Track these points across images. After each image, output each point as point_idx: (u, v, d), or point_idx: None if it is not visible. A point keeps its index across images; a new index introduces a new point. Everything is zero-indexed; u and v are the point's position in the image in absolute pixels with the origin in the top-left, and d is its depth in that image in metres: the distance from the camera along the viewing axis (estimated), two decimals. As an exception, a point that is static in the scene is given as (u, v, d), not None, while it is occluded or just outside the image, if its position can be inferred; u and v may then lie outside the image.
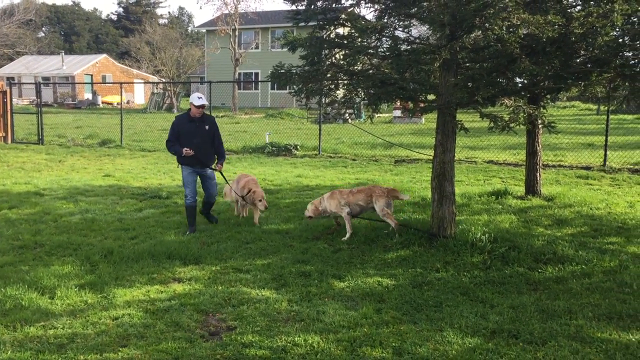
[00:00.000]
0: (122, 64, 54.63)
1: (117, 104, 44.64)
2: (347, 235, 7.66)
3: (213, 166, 8.36)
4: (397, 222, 7.66)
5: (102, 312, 5.20)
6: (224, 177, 8.71)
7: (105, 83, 44.82)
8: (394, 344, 4.55)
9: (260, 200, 8.35)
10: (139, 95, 52.97)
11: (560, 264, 6.46)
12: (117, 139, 20.23)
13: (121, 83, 21.63)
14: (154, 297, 5.58)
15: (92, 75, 51.30)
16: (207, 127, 8.18)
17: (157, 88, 43.35)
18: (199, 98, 8.02)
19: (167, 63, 43.36)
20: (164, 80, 42.49)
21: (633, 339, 4.61)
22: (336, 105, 8.92)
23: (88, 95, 49.21)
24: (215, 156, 8.41)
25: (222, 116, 32.56)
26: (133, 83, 34.65)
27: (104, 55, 56.13)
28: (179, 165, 8.26)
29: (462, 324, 4.93)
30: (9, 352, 4.39)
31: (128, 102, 48.09)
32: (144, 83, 45.44)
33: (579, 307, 5.26)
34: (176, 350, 4.41)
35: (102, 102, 47.50)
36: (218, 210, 9.50)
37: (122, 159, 16.43)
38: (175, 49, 44.60)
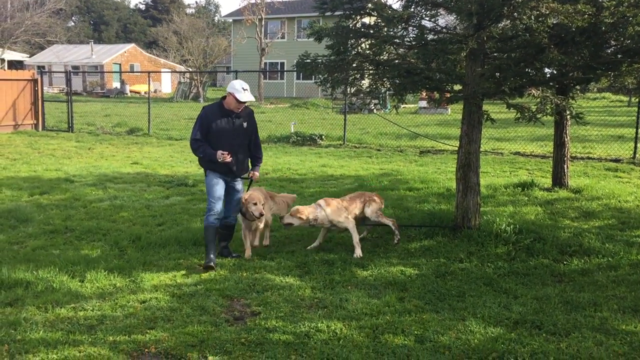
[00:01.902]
0: (150, 53, 55.22)
1: (145, 92, 45.12)
2: (358, 250, 6.56)
3: (246, 174, 6.57)
4: (393, 220, 7.22)
5: (130, 295, 5.33)
6: (249, 185, 6.75)
7: (133, 72, 45.28)
8: (416, 332, 4.58)
9: (255, 204, 6.37)
10: (166, 85, 53.47)
11: (586, 256, 6.40)
12: (144, 128, 20.50)
13: (149, 72, 21.86)
14: (180, 282, 5.69)
15: (120, 64, 51.91)
16: (245, 124, 6.35)
17: (184, 77, 43.72)
18: (244, 90, 6.14)
19: (194, 52, 43.67)
20: (190, 69, 42.81)
21: (659, 332, 4.57)
22: (361, 95, 8.91)
23: (116, 84, 49.85)
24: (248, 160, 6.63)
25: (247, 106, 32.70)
26: (160, 72, 35.05)
27: (132, 45, 56.72)
28: (205, 172, 6.45)
29: (484, 313, 4.93)
30: (41, 332, 4.53)
31: (155, 92, 48.57)
32: (171, 72, 45.85)
33: (604, 300, 5.22)
34: (202, 334, 4.50)
35: (130, 91, 48.06)
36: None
37: (149, 147, 16.66)
38: (202, 39, 44.90)
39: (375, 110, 26.65)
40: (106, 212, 8.51)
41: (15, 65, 47.46)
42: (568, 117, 9.22)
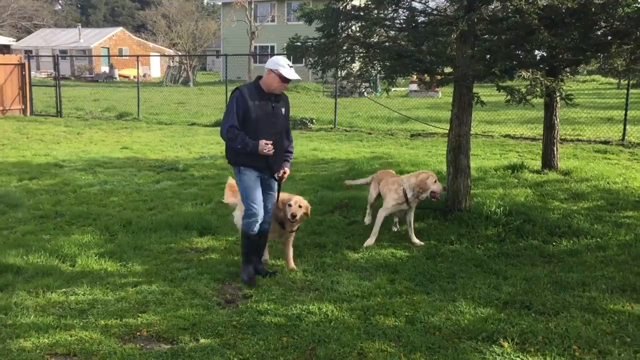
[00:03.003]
0: (139, 37, 54.66)
1: (134, 77, 44.75)
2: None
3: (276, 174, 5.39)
4: None
5: (121, 279, 5.33)
6: (278, 190, 5.55)
7: (122, 56, 44.91)
8: (406, 313, 4.61)
9: (290, 205, 5.47)
10: (155, 69, 53.03)
11: (575, 237, 6.46)
12: (134, 112, 20.36)
13: (137, 56, 21.69)
14: (171, 266, 5.69)
15: (108, 48, 51.38)
16: (283, 110, 5.31)
17: (173, 61, 43.35)
18: (290, 67, 5.13)
19: (183, 36, 43.28)
20: (180, 53, 42.45)
21: (646, 311, 4.63)
22: (352, 78, 8.89)
23: (105, 69, 49.36)
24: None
25: (238, 90, 32.50)
26: (149, 56, 34.75)
27: (120, 29, 56.12)
28: (238, 169, 5.26)
29: (474, 294, 4.98)
30: (32, 316, 4.53)
31: (144, 76, 48.17)
32: (160, 56, 45.44)
33: (592, 280, 5.28)
34: (193, 317, 4.52)
35: (119, 76, 47.63)
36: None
37: (139, 132, 16.56)
38: (191, 22, 44.47)
39: (366, 94, 26.60)
40: (96, 197, 8.47)
41: (1, 49, 46.83)
42: (558, 99, 9.24)
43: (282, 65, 5.08)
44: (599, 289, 5.09)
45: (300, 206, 5.47)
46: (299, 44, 7.94)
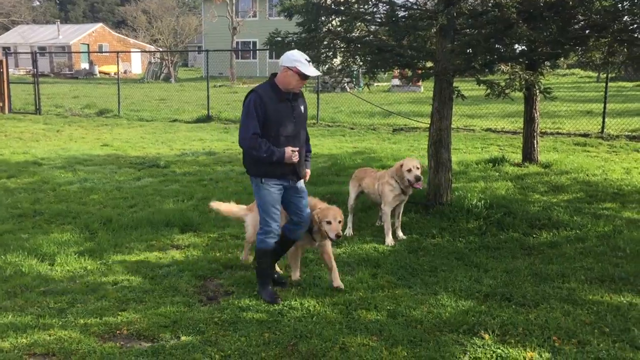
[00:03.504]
0: (119, 33, 54.11)
1: (114, 73, 44.33)
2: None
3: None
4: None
5: (101, 278, 5.27)
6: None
7: (102, 52, 44.41)
8: (388, 307, 4.62)
9: (329, 223, 4.82)
10: (136, 65, 52.54)
11: (555, 229, 6.52)
12: (114, 109, 20.16)
13: (117, 52, 21.45)
14: (152, 264, 5.64)
15: (88, 44, 50.82)
16: (302, 108, 4.86)
17: (154, 57, 42.99)
18: (309, 62, 4.62)
19: (164, 32, 42.95)
20: (161, 49, 42.10)
21: (624, 301, 4.69)
22: (335, 73, 8.88)
23: (85, 65, 48.81)
24: None
25: (220, 85, 32.38)
26: (130, 52, 34.37)
27: (100, 25, 55.51)
28: (259, 181, 4.74)
29: (456, 287, 5.00)
30: (10, 317, 4.46)
31: (125, 72, 47.73)
32: (141, 52, 45.03)
33: (572, 271, 5.33)
34: (174, 314, 4.48)
35: (99, 72, 47.13)
36: (216, 178, 9.53)
37: (120, 129, 16.40)
38: (171, 18, 44.14)
39: (348, 89, 26.60)
40: (76, 195, 8.38)
41: (-22, 46, 46.08)
42: (537, 93, 9.31)
43: (300, 60, 4.55)
44: (578, 280, 5.14)
45: (340, 221, 4.84)
46: (279, 39, 7.92)
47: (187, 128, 16.70)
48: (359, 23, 7.80)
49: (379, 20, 7.78)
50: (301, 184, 4.92)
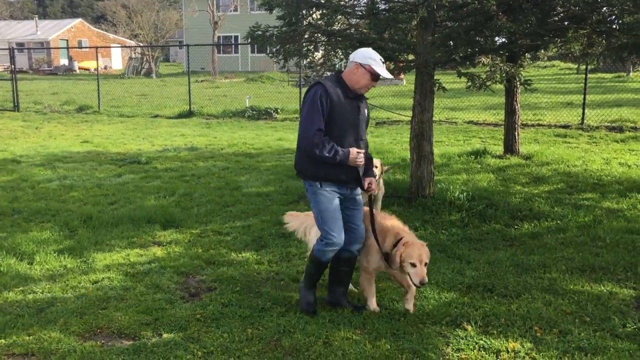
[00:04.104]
0: (99, 28, 53.48)
1: (94, 69, 43.80)
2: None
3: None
4: None
5: (81, 276, 5.20)
6: (371, 207, 4.49)
7: (81, 48, 43.85)
8: (372, 301, 4.62)
9: (413, 265, 4.15)
10: (117, 61, 51.96)
11: (536, 220, 6.57)
12: (94, 105, 19.92)
13: (97, 47, 21.20)
14: (133, 261, 5.59)
15: (67, 40, 50.09)
16: (365, 110, 4.40)
17: (134, 53, 42.54)
18: (384, 63, 4.25)
19: (144, 27, 42.52)
20: (141, 44, 41.68)
21: (604, 290, 4.74)
22: (317, 67, 8.85)
23: (64, 61, 48.13)
24: None
25: (201, 80, 32.15)
26: (110, 47, 34.00)
27: (79, 20, 54.75)
28: (317, 185, 4.26)
29: (439, 279, 5.01)
30: (-11, 317, 4.39)
31: (105, 68, 47.18)
32: (121, 47, 44.56)
33: (553, 261, 5.38)
34: (156, 311, 4.44)
35: (79, 68, 46.51)
36: (198, 174, 9.46)
37: (100, 125, 16.22)
38: (152, 13, 43.70)
39: (331, 83, 26.52)
40: (55, 193, 8.26)
41: (-46, 42, 45.29)
42: (518, 85, 9.36)
43: (374, 59, 4.16)
44: (559, 270, 5.18)
45: (426, 263, 4.18)
46: (260, 32, 7.85)
47: (168, 124, 16.56)
48: (340, 16, 7.76)
49: (360, 13, 7.75)
50: (359, 194, 4.43)
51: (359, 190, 4.41)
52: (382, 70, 4.18)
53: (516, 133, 10.17)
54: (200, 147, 12.11)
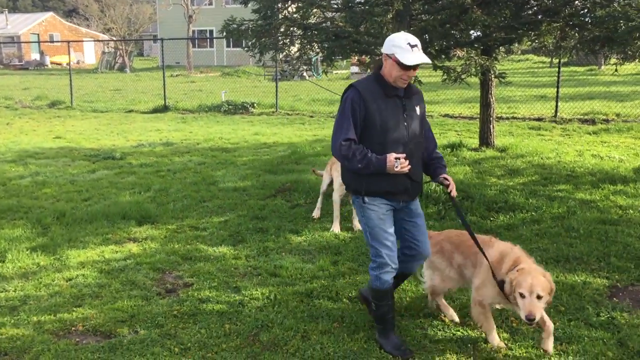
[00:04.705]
0: (70, 22, 52.53)
1: (67, 64, 43.08)
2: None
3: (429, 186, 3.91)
4: None
5: (55, 273, 5.11)
6: (467, 227, 3.93)
7: (53, 42, 43.06)
8: (350, 294, 4.62)
9: (522, 296, 3.47)
10: (90, 55, 51.16)
11: (512, 211, 6.64)
12: (67, 100, 19.60)
13: (69, 41, 20.84)
14: (108, 258, 5.51)
15: (38, 34, 49.16)
16: (418, 108, 3.83)
17: (108, 47, 41.92)
18: (413, 47, 3.57)
19: (117, 21, 41.91)
20: (114, 38, 41.08)
21: (578, 280, 4.80)
22: (294, 61, 8.83)
23: (35, 56, 47.23)
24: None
25: (176, 75, 31.85)
26: (82, 41, 33.42)
27: (51, 14, 53.76)
28: (361, 200, 3.77)
29: (418, 272, 5.02)
30: (-41, 317, 4.29)
31: (78, 62, 46.46)
32: (94, 41, 43.86)
33: (528, 252, 5.42)
34: (132, 308, 4.38)
35: (51, 63, 45.71)
36: (174, 169, 9.36)
37: (73, 121, 15.97)
38: (125, 6, 43.06)
39: (307, 77, 26.51)
40: (27, 189, 8.11)
41: None
42: (493, 78, 9.44)
43: (400, 46, 3.57)
44: (535, 260, 5.22)
45: (539, 296, 3.43)
46: (234, 26, 7.80)
47: (143, 119, 16.37)
48: (315, 9, 7.75)
49: (336, 7, 7.75)
50: (418, 206, 3.91)
51: (415, 203, 3.87)
52: (410, 57, 3.53)
53: (491, 126, 10.25)
54: (176, 142, 11.99)
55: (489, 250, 3.80)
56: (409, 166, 3.60)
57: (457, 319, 4.16)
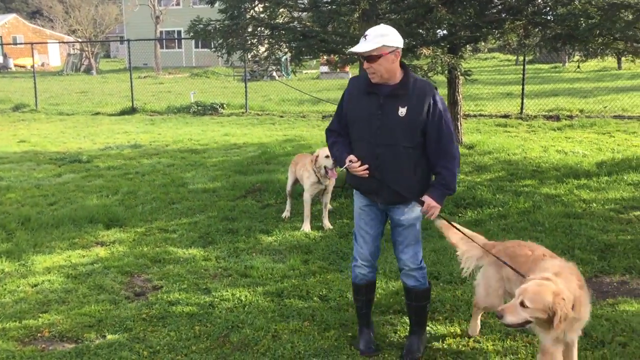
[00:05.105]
0: (34, 24, 51.46)
1: (31, 66, 42.22)
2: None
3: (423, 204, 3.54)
4: None
5: (20, 279, 5.01)
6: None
7: (16, 44, 42.13)
8: (320, 293, 4.64)
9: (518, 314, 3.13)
10: (55, 57, 50.19)
11: (479, 207, 6.73)
12: (31, 103, 19.19)
13: (32, 43, 20.41)
14: (75, 262, 5.42)
15: (1, 36, 47.99)
16: (402, 109, 3.46)
17: (73, 49, 41.20)
18: (365, 37, 3.46)
19: (83, 22, 41.21)
20: (80, 40, 40.40)
21: (543, 273, 4.89)
22: (262, 62, 8.80)
23: (-2, 59, 46.16)
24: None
25: (144, 76, 31.46)
26: (46, 43, 32.77)
27: (14, 15, 52.54)
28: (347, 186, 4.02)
29: (386, 269, 5.07)
30: None
31: (43, 65, 45.52)
32: (59, 43, 43.06)
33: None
34: (99, 313, 4.32)
35: (15, 65, 44.72)
36: (142, 171, 9.25)
37: (38, 124, 15.65)
38: (90, 7, 42.37)
39: (277, 77, 26.45)
40: (-9, 195, 7.93)
41: None
42: (459, 76, 9.56)
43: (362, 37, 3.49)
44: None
45: (524, 304, 3.09)
46: (201, 26, 7.75)
47: (110, 121, 16.14)
48: (282, 9, 7.74)
49: (302, 6, 7.75)
50: (404, 215, 3.64)
51: (400, 210, 3.64)
52: (356, 47, 3.51)
53: (459, 123, 10.37)
54: (144, 144, 11.85)
55: (539, 265, 3.38)
56: (363, 169, 3.51)
57: (472, 334, 3.93)
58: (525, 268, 3.43)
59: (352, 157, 3.55)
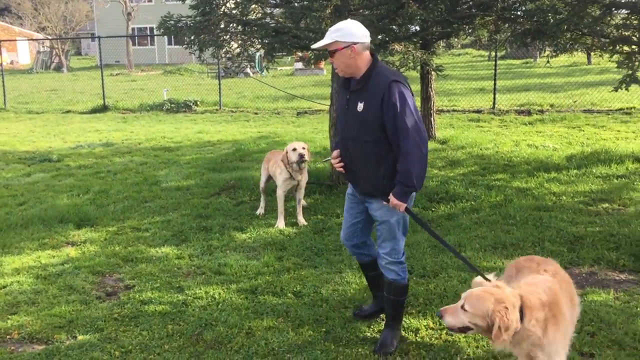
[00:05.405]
0: (2, 21, 50.38)
1: (-1, 64, 41.33)
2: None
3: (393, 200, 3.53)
4: None
5: (-12, 282, 4.92)
6: (437, 236, 3.92)
7: (-17, 42, 41.23)
8: (294, 289, 4.63)
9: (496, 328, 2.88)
10: (24, 55, 49.21)
11: (452, 201, 6.80)
12: None
13: (0, 41, 19.98)
14: (45, 263, 5.33)
15: (-33, 34, 46.94)
16: (360, 104, 3.53)
17: (43, 46, 40.44)
18: (328, 32, 3.58)
19: (52, 19, 40.50)
20: (49, 37, 39.67)
21: (515, 265, 4.96)
22: (235, 59, 8.73)
23: (-35, 56, 45.12)
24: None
25: (116, 74, 31.05)
26: (15, 41, 32.11)
27: (-20, 12, 51.37)
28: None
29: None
30: None
31: (12, 63, 44.61)
32: (28, 41, 42.23)
33: (467, 240, 5.58)
34: (70, 313, 4.26)
35: (-18, 63, 43.75)
36: (114, 170, 9.13)
37: (6, 123, 15.35)
38: (60, 4, 41.63)
39: (251, 74, 26.30)
40: (-43, 196, 7.75)
41: None
42: (432, 71, 9.62)
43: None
44: (474, 248, 5.38)
45: (464, 308, 2.99)
46: (172, 22, 7.66)
47: (81, 119, 15.90)
48: (254, 5, 7.69)
49: (274, 2, 7.71)
50: (375, 207, 3.68)
51: (371, 202, 3.69)
52: (315, 44, 3.69)
53: (432, 119, 10.46)
54: (116, 143, 11.70)
55: (525, 277, 3.21)
56: (339, 165, 3.74)
57: None
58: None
59: (335, 152, 3.75)
